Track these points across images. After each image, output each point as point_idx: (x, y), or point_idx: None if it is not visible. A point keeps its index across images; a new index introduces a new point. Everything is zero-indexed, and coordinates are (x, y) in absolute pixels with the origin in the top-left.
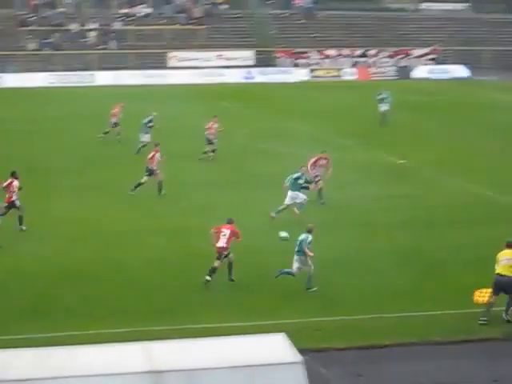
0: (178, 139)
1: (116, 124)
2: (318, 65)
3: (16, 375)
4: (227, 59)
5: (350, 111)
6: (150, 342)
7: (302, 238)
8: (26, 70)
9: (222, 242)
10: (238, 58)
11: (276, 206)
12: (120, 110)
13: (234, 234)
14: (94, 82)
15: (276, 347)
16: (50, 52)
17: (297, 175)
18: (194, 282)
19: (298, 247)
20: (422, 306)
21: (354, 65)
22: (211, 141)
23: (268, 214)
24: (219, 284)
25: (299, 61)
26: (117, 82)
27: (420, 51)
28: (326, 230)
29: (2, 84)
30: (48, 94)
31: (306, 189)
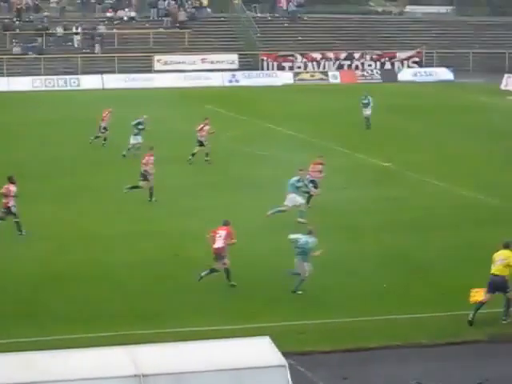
0: (163, 143)
1: (105, 129)
2: (302, 68)
3: (1, 380)
4: (212, 63)
5: (334, 114)
6: (137, 345)
7: (304, 241)
8: (10, 74)
9: (218, 243)
10: (222, 62)
11: (263, 209)
12: (109, 114)
13: (229, 235)
14: (79, 85)
15: (261, 350)
16: (35, 56)
17: (295, 178)
18: (180, 286)
19: (301, 251)
20: (409, 309)
21: (339, 68)
22: (202, 143)
23: (255, 216)
24: (205, 288)
25: (284, 64)
26: (102, 86)
27: (404, 54)
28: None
29: None
30: (33, 98)
31: (307, 193)
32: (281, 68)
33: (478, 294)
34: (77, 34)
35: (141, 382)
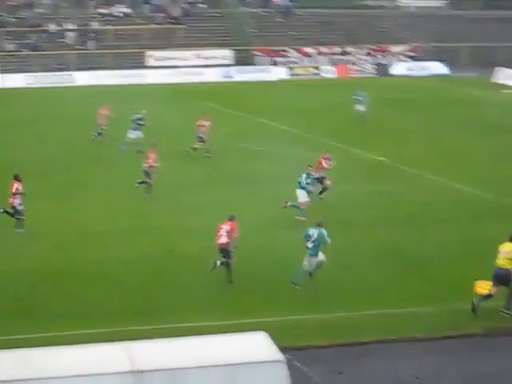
0: (158, 138)
1: (101, 126)
2: (296, 63)
3: None
4: (206, 58)
5: (329, 109)
6: (133, 341)
7: (320, 235)
8: (3, 71)
9: (222, 238)
10: (216, 57)
11: (258, 204)
12: (108, 111)
13: (233, 230)
14: (72, 82)
15: (258, 346)
16: (28, 53)
17: (304, 175)
18: (177, 282)
19: (316, 245)
20: (404, 303)
21: (333, 63)
22: (202, 139)
23: (250, 212)
24: (201, 283)
25: (278, 59)
26: (96, 82)
27: (398, 48)
28: (303, 228)
29: None
30: (27, 95)
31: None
32: (275, 63)
33: (483, 287)
34: (70, 30)
35: (137, 377)
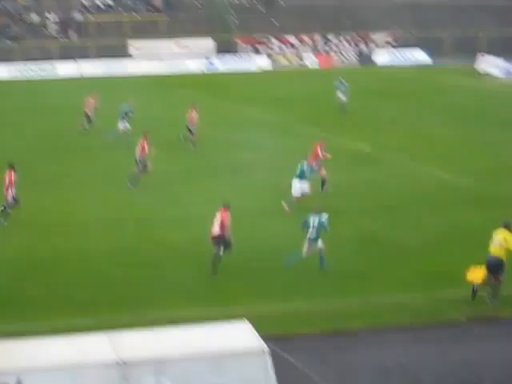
0: (140, 129)
1: (88, 116)
2: (279, 52)
3: None
4: (188, 48)
5: (311, 98)
6: (117, 332)
7: (322, 221)
8: None
9: (215, 229)
10: (198, 47)
11: (242, 193)
12: (94, 101)
13: (224, 218)
14: (55, 73)
15: (241, 335)
16: (10, 44)
17: (303, 165)
18: (160, 273)
19: (317, 232)
20: (388, 291)
21: (315, 51)
22: (191, 131)
23: (233, 201)
24: (184, 273)
25: (260, 48)
26: (78, 73)
27: (381, 37)
28: (290, 217)
29: None
30: (9, 86)
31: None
32: (257, 52)
33: (476, 273)
34: (52, 21)
35: (121, 369)
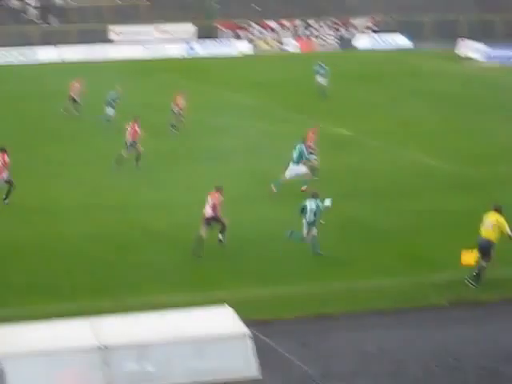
0: (121, 114)
1: (74, 100)
2: (259, 37)
3: None
4: (168, 33)
5: (292, 83)
6: (98, 317)
7: (315, 205)
8: None
9: (207, 210)
10: (179, 32)
11: (222, 178)
12: (80, 85)
13: (216, 201)
14: (36, 58)
15: (223, 320)
16: None
17: (300, 148)
18: (141, 258)
19: (315, 216)
20: (368, 275)
21: (296, 36)
22: (179, 117)
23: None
24: (165, 259)
25: (241, 33)
26: (59, 58)
27: (361, 21)
28: (271, 203)
29: None
30: None
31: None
32: (237, 37)
33: (469, 256)
34: (32, 6)
35: (103, 353)
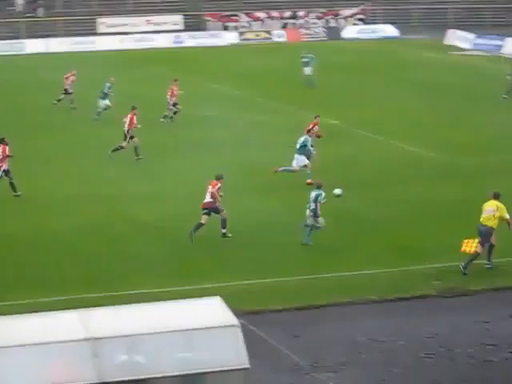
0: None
1: (66, 90)
2: (247, 28)
3: None
4: (156, 24)
5: (280, 73)
6: (87, 309)
7: (316, 194)
8: None
9: (206, 198)
10: (167, 23)
11: (213, 170)
12: (72, 77)
13: (215, 188)
14: (23, 50)
15: (212, 311)
16: None
17: (302, 139)
18: (130, 249)
19: (313, 204)
20: (358, 265)
21: (284, 27)
22: (175, 105)
23: (205, 178)
24: (154, 250)
25: (228, 24)
26: (46, 50)
27: (349, 11)
28: (258, 193)
29: None
30: None
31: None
32: (225, 28)
33: (470, 244)
34: None
35: (93, 345)
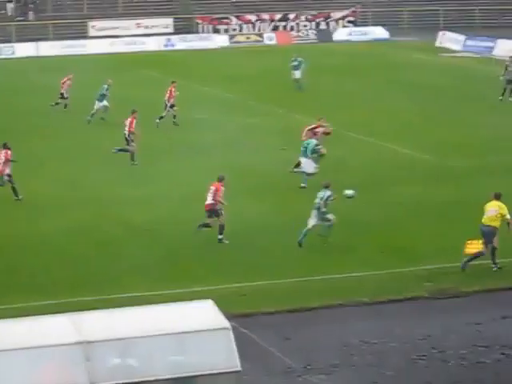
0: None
1: (62, 95)
2: (237, 30)
3: None
4: (147, 27)
5: (271, 76)
6: (79, 312)
7: (323, 195)
8: None
9: (208, 199)
10: (157, 26)
11: (203, 173)
12: (68, 81)
13: (217, 190)
14: (13, 53)
15: (205, 314)
16: None
17: (311, 143)
18: (121, 252)
19: (319, 206)
20: (349, 267)
21: (274, 29)
22: (173, 106)
23: (195, 181)
24: (145, 253)
25: (219, 27)
26: (37, 54)
27: (339, 14)
28: (249, 196)
29: None
30: None
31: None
32: (216, 31)
33: (473, 246)
34: (10, 1)
35: (85, 348)
